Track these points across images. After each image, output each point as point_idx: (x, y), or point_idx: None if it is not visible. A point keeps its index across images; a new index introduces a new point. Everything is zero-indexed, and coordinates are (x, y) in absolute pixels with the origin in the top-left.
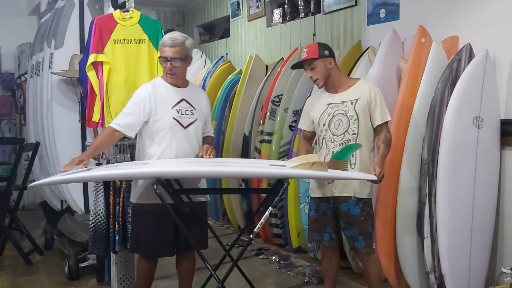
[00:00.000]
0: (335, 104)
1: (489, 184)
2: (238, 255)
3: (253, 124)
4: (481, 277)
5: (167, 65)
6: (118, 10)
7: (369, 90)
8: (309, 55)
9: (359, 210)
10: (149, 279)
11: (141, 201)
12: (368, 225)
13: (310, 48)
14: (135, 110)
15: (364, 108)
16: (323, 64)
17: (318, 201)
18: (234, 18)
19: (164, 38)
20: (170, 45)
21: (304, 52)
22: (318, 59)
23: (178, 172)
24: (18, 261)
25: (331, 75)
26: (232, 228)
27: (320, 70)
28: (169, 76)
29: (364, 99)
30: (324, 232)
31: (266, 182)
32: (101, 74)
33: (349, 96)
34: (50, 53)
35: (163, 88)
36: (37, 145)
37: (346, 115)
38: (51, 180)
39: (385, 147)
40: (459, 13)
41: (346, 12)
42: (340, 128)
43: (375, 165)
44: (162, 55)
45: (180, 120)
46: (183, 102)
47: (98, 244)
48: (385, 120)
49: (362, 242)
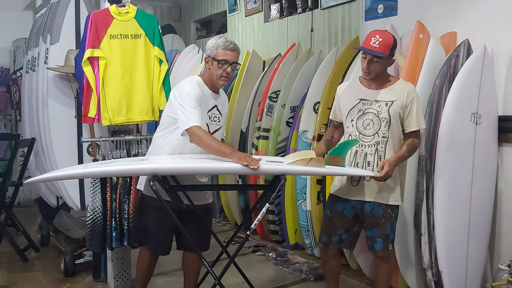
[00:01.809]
0: (368, 101)
1: (486, 180)
2: (235, 251)
3: (250, 120)
4: (478, 273)
5: (228, 69)
6: (115, 5)
7: (407, 93)
8: (381, 49)
9: (381, 211)
10: (149, 273)
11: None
12: (388, 227)
13: (384, 40)
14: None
15: (399, 112)
16: (385, 63)
17: (336, 200)
18: (231, 13)
19: (219, 40)
20: (233, 49)
21: (377, 40)
22: (386, 57)
23: (175, 168)
24: (13, 258)
25: (382, 73)
26: (229, 225)
27: (379, 66)
28: (223, 80)
29: (400, 102)
30: (334, 234)
31: (263, 178)
32: (97, 69)
33: (385, 96)
34: (46, 48)
35: (205, 91)
36: (33, 141)
37: (379, 116)
38: (47, 176)
39: (406, 151)
40: (457, 9)
41: (344, 7)
42: (369, 129)
43: (386, 162)
44: (222, 58)
45: (209, 126)
46: (215, 109)
47: (95, 240)
48: (420, 127)
49: (381, 244)
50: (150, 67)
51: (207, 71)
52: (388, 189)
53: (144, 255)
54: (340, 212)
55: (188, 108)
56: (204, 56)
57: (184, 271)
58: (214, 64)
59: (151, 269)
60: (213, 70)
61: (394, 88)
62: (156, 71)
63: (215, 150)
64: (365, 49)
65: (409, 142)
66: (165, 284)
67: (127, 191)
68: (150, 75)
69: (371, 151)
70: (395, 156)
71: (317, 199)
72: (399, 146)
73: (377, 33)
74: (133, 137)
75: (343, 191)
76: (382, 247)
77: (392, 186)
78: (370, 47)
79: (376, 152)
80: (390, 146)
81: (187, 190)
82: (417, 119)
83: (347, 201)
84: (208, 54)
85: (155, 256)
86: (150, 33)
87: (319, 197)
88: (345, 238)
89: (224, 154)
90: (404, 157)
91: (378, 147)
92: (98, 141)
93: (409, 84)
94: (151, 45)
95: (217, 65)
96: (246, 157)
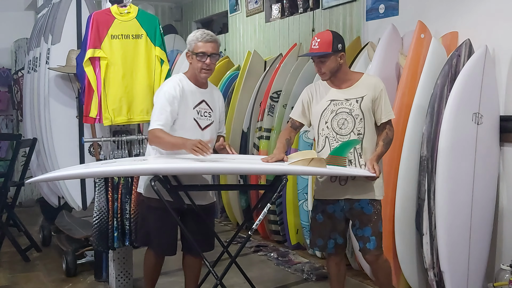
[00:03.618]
0: (338, 101)
1: (488, 180)
2: (236, 251)
3: (252, 121)
4: (480, 273)
5: (207, 60)
6: (116, 5)
7: (374, 86)
8: (322, 48)
9: (372, 209)
10: (156, 273)
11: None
12: (380, 225)
13: (323, 39)
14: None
15: (370, 106)
16: (334, 59)
17: (326, 203)
18: (233, 13)
19: (196, 34)
20: (208, 40)
21: (316, 41)
22: (330, 54)
23: (176, 168)
24: (15, 258)
25: (339, 70)
26: (230, 225)
27: (330, 65)
28: (204, 72)
29: (369, 96)
30: (328, 238)
31: (265, 178)
32: (98, 69)
33: (354, 93)
34: (47, 49)
35: (187, 87)
36: (34, 141)
37: (351, 114)
38: (49, 176)
39: (383, 146)
40: (458, 9)
41: (345, 7)
42: (345, 128)
43: (373, 163)
44: (200, 51)
45: (199, 122)
46: (203, 103)
47: (103, 240)
48: (389, 118)
49: (374, 243)
50: (151, 67)
51: (190, 66)
52: (372, 184)
53: (150, 256)
54: (331, 215)
55: (156, 110)
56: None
57: (185, 272)
58: (194, 58)
59: (158, 270)
60: (194, 64)
61: (360, 84)
62: (157, 71)
63: (170, 145)
64: (307, 54)
65: (384, 136)
66: (167, 284)
67: (129, 191)
68: (151, 75)
69: (351, 150)
70: (374, 155)
71: None
72: (374, 141)
73: (316, 36)
74: (134, 137)
75: (330, 192)
76: (376, 245)
77: (378, 181)
78: (311, 50)
79: (354, 150)
80: (367, 141)
81: (188, 190)
82: (385, 110)
83: (336, 203)
84: (188, 49)
85: (161, 257)
86: (151, 33)
87: None
88: (341, 243)
89: (178, 146)
90: (383, 152)
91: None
92: (100, 141)
93: (374, 77)
94: (152, 45)
95: (196, 58)
96: (198, 144)
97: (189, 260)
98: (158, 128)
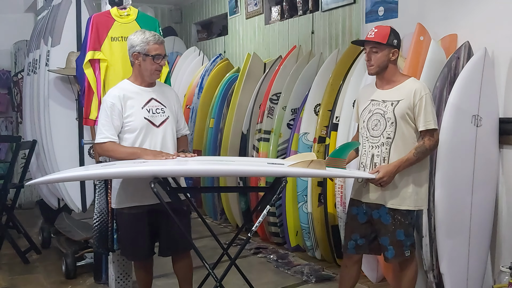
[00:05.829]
0: (376, 102)
1: (487, 182)
2: (236, 253)
3: (251, 123)
4: (480, 275)
5: (161, 62)
6: (115, 7)
7: (414, 92)
8: (377, 37)
9: (390, 219)
10: (146, 278)
11: (120, 205)
12: (399, 233)
13: (380, 30)
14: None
15: (406, 112)
16: (386, 53)
17: (352, 204)
18: (232, 15)
19: (146, 35)
20: (162, 42)
21: (373, 31)
22: (384, 46)
23: (176, 171)
24: (15, 260)
25: (388, 68)
26: (230, 227)
27: (380, 58)
28: (156, 74)
29: (407, 101)
30: (349, 239)
31: (264, 180)
32: (98, 71)
33: (392, 96)
34: (47, 51)
35: (130, 90)
36: (34, 143)
37: (384, 116)
38: (48, 178)
39: (413, 154)
40: (458, 11)
41: (345, 9)
42: (377, 129)
43: (382, 168)
44: (156, 53)
45: (152, 120)
46: (153, 101)
47: (103, 242)
48: (427, 127)
49: (393, 252)
50: None
51: (137, 67)
52: (397, 193)
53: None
54: (354, 217)
55: (100, 125)
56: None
57: (176, 274)
58: (147, 60)
59: (147, 273)
60: (146, 66)
61: (401, 87)
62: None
63: (127, 154)
64: (362, 40)
65: (420, 144)
66: (166, 286)
67: None
68: None
69: (378, 153)
70: (397, 161)
71: (318, 201)
72: (405, 148)
73: (375, 27)
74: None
75: (357, 192)
76: (395, 254)
77: (404, 190)
78: (366, 38)
79: (381, 153)
80: (395, 148)
81: (188, 192)
82: (424, 118)
83: (360, 206)
84: (138, 50)
85: (138, 262)
86: None
87: (320, 199)
88: (362, 244)
89: (137, 155)
90: (409, 160)
91: (383, 148)
92: None
93: (419, 82)
94: None
95: (152, 60)
96: (161, 153)
97: (177, 263)
98: (108, 141)
